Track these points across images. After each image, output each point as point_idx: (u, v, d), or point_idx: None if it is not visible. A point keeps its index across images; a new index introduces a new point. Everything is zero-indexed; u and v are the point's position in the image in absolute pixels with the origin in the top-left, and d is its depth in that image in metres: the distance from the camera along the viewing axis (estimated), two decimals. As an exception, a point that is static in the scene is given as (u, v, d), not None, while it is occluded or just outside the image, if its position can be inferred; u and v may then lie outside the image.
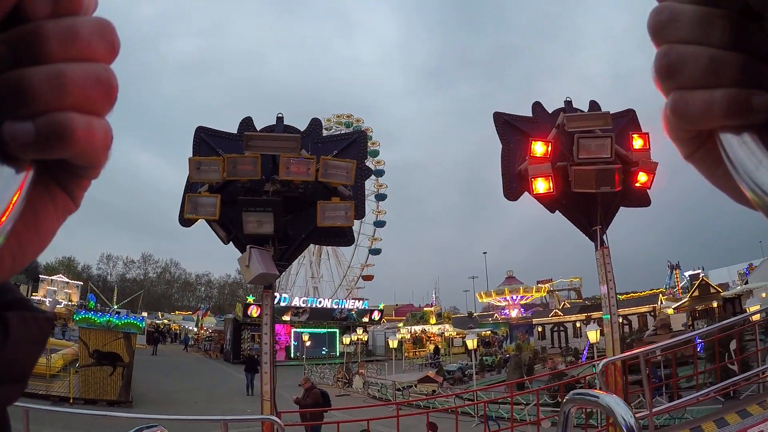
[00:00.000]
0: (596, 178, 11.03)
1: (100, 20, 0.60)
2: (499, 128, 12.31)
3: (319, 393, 19.47)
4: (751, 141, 0.59)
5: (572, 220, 12.07)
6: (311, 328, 66.81)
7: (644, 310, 61.26)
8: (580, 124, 11.58)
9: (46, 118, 0.56)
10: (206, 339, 77.19)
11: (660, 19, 0.62)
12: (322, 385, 41.46)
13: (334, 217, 11.02)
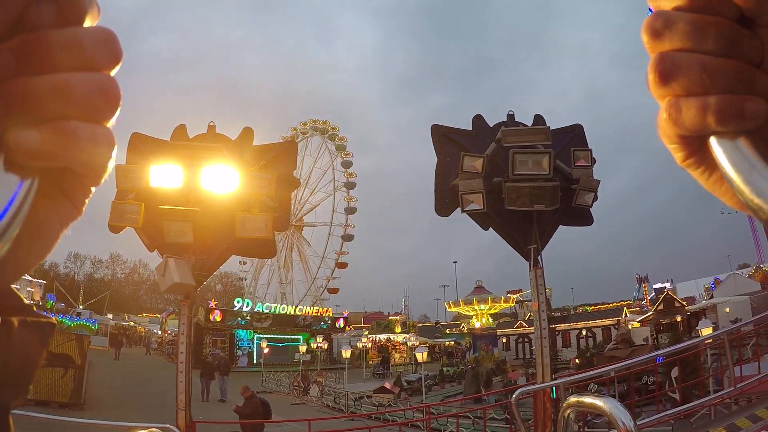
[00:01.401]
0: (530, 195, 10.64)
1: (103, 30, 0.60)
2: (435, 141, 12.05)
3: (258, 402, 19.21)
4: (745, 146, 0.60)
5: (506, 239, 11.75)
6: (275, 334, 66.24)
7: (609, 322, 61.38)
8: (517, 139, 11.24)
9: (50, 126, 0.56)
10: (169, 343, 76.44)
11: (655, 27, 0.62)
12: (277, 393, 41.03)
13: (253, 229, 10.81)
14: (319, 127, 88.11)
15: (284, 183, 11.85)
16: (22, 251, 0.62)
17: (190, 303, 11.39)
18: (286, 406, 35.41)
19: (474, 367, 39.85)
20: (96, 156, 0.60)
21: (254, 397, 19.59)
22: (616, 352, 37.56)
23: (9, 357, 0.75)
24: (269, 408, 19.81)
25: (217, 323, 61.76)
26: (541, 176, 10.74)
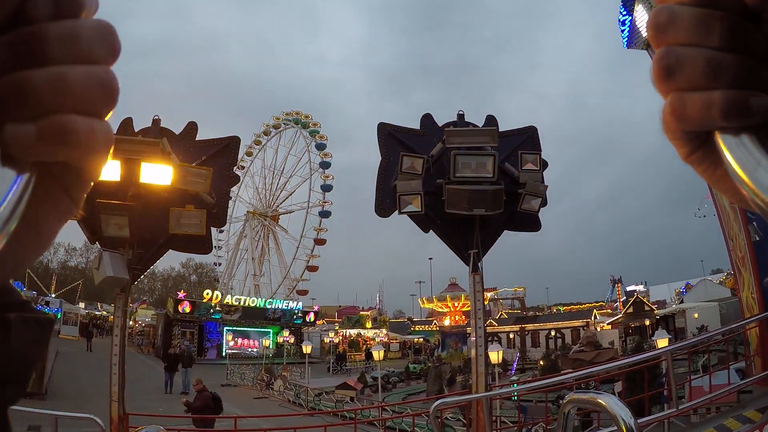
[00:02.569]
0: (469, 199, 10.44)
1: (100, 22, 0.60)
2: (381, 140, 11.83)
3: (209, 396, 19.28)
4: (749, 142, 0.59)
5: (446, 242, 11.54)
6: (244, 327, 66.07)
7: (578, 324, 61.58)
8: (462, 140, 11.00)
9: (47, 120, 0.56)
10: (139, 333, 75.95)
11: (659, 21, 0.62)
12: (241, 387, 40.80)
13: (187, 225, 10.83)
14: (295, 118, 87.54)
15: (223, 179, 11.84)
16: (19, 246, 0.62)
17: (125, 297, 11.35)
18: (248, 399, 35.38)
19: (437, 366, 39.62)
20: (94, 150, 0.59)
21: (205, 390, 19.64)
22: (581, 355, 37.70)
23: (7, 354, 0.75)
24: (220, 402, 19.80)
25: (186, 315, 61.16)
26: (485, 179, 10.59)
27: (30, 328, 0.79)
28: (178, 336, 60.95)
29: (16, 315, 0.77)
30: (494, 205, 10.56)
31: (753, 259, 15.24)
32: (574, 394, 3.80)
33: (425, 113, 12.08)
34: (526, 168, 11.09)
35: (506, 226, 11.59)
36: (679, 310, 54.15)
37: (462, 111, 11.91)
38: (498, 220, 11.29)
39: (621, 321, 58.09)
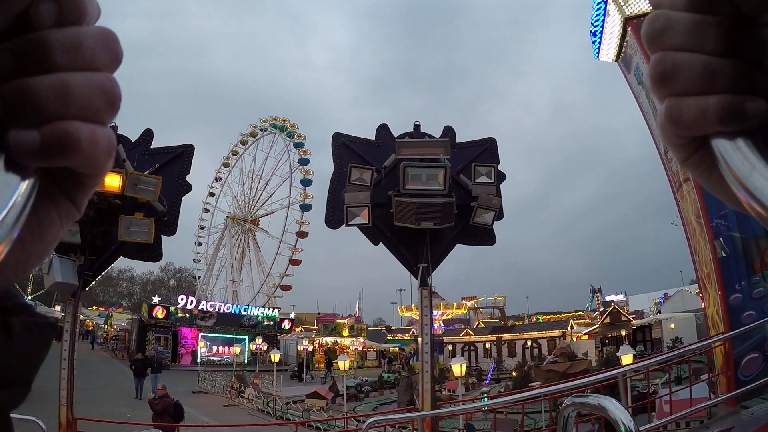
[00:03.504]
0: (416, 211, 10.26)
1: (103, 30, 0.60)
2: (334, 150, 11.70)
3: (170, 402, 19.76)
4: (745, 146, 0.59)
5: (396, 255, 11.37)
6: (219, 334, 65.67)
7: (554, 334, 61.59)
8: (414, 152, 10.82)
9: (50, 126, 0.56)
10: (114, 338, 75.46)
11: (655, 27, 0.62)
12: (212, 394, 40.56)
13: (136, 232, 10.80)
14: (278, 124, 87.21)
15: (176, 187, 11.82)
16: (22, 251, 0.63)
17: (75, 302, 11.40)
18: (218, 407, 35.20)
19: (408, 376, 39.38)
20: (96, 156, 0.59)
21: (167, 396, 20.07)
22: (554, 366, 37.56)
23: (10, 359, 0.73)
24: (181, 410, 20.26)
25: (160, 320, 60.79)
26: (436, 192, 10.42)
27: (32, 332, 0.77)
28: (153, 341, 60.59)
29: (18, 319, 0.75)
30: (443, 219, 10.38)
31: (718, 275, 14.98)
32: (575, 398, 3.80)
33: (381, 123, 11.94)
34: (480, 181, 10.90)
35: (459, 239, 11.40)
36: (656, 320, 54.19)
37: (418, 122, 11.72)
38: (450, 233, 11.12)
39: (598, 331, 58.18)
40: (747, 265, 14.65)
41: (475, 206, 10.73)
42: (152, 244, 11.19)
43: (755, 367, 13.49)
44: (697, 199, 15.45)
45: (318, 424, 28.76)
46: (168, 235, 11.60)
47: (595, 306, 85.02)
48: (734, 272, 14.81)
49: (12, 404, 0.77)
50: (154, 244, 11.26)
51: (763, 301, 14.17)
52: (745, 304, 14.37)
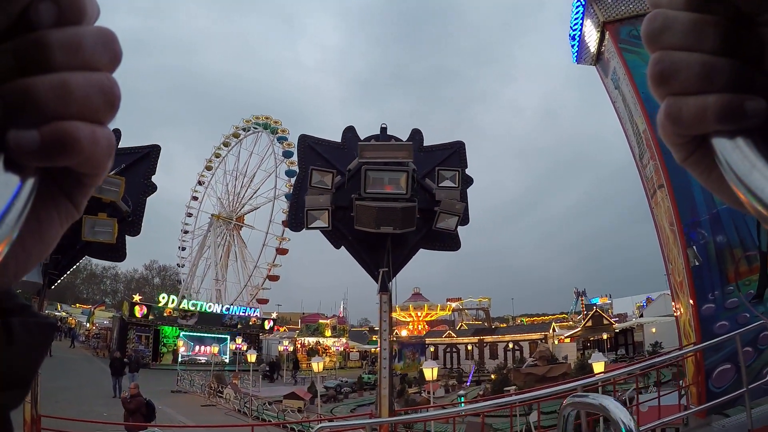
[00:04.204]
0: (376, 216, 10.12)
1: (102, 30, 0.60)
2: (300, 152, 11.68)
3: (142, 401, 19.75)
4: (744, 145, 0.59)
5: (357, 259, 11.25)
6: (200, 333, 65.37)
7: (536, 336, 61.53)
8: (376, 155, 10.61)
9: (50, 126, 0.56)
10: (95, 336, 74.94)
11: (654, 26, 0.63)
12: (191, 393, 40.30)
13: (99, 232, 10.79)
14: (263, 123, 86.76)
15: (141, 188, 11.82)
16: (22, 251, 0.63)
17: (39, 300, 11.63)
18: (196, 407, 34.95)
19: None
20: (96, 156, 0.59)
21: (140, 396, 20.09)
22: (533, 369, 37.61)
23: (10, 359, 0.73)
24: (153, 410, 20.27)
25: (142, 318, 60.37)
26: (399, 196, 10.26)
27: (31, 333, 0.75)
28: (134, 340, 60.25)
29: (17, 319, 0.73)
30: (404, 224, 10.23)
31: (691, 285, 14.74)
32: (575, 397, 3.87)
33: (348, 126, 11.80)
34: (443, 185, 10.73)
35: (422, 244, 11.24)
36: (638, 324, 54.21)
37: (385, 124, 11.62)
38: (413, 237, 10.97)
39: (579, 334, 58.21)
40: (721, 275, 14.45)
41: (438, 211, 10.57)
42: (116, 244, 11.16)
43: (727, 378, 13.30)
44: (671, 206, 15.23)
45: (293, 426, 28.57)
46: (132, 236, 11.59)
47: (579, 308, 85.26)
48: (707, 281, 14.60)
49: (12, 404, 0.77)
50: (117, 244, 11.23)
51: (737, 311, 14.01)
52: (718, 314, 14.18)
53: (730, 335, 11.58)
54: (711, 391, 13.44)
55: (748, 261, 14.36)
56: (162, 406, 32.68)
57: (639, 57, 16.38)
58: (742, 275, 14.29)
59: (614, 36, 17.11)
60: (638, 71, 16.26)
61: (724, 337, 11.99)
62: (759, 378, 10.69)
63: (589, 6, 18.08)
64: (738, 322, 13.70)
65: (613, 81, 18.63)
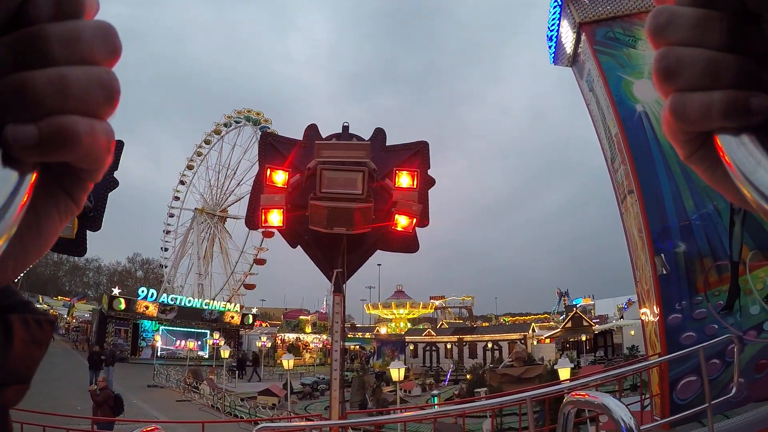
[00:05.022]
0: (328, 216, 9.96)
1: (101, 23, 0.60)
2: (261, 150, 11.70)
3: (110, 394, 20.00)
4: (750, 142, 0.59)
5: (313, 259, 11.13)
6: (180, 327, 65.05)
7: (515, 337, 61.51)
8: (334, 154, 10.43)
9: (49, 121, 0.56)
10: (75, 329, 74.53)
11: (659, 22, 0.62)
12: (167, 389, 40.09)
13: None
14: (253, 117, 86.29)
15: (102, 183, 11.35)
16: (20, 247, 0.63)
17: None
18: (171, 402, 34.78)
19: (360, 376, 38.97)
20: (95, 151, 0.59)
21: (108, 389, 20.44)
22: (509, 370, 37.45)
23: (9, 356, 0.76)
24: (121, 403, 20.52)
25: (121, 312, 59.91)
26: (354, 196, 10.08)
27: (31, 329, 0.78)
28: (113, 334, 59.84)
29: (17, 316, 0.77)
30: (358, 224, 10.09)
31: (657, 294, 14.44)
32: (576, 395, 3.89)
33: (310, 124, 11.65)
34: (401, 186, 10.57)
35: (379, 245, 11.09)
36: (617, 326, 54.20)
37: (347, 123, 11.50)
38: (371, 238, 10.83)
39: (559, 335, 58.22)
40: (689, 284, 14.20)
41: (395, 212, 10.41)
42: (75, 239, 10.84)
43: (693, 390, 13.08)
44: (640, 212, 15.02)
45: (266, 423, 28.43)
46: (93, 231, 11.35)
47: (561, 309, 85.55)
48: (675, 291, 14.33)
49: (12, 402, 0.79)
50: (77, 239, 10.90)
51: (705, 322, 13.79)
52: (685, 325, 13.95)
53: (693, 348, 11.32)
54: (675, 402, 13.25)
55: (719, 271, 14.13)
56: (136, 401, 32.64)
57: (614, 59, 16.23)
58: (712, 285, 14.06)
59: (590, 37, 16.90)
60: (612, 73, 16.09)
61: (689, 350, 11.71)
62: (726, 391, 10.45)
63: (566, 6, 17.86)
64: (705, 333, 13.51)
65: (588, 83, 18.45)
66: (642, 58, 16.01)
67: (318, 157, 10.36)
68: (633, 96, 15.64)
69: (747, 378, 13.15)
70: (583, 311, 70.72)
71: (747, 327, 13.60)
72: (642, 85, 15.57)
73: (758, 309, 13.72)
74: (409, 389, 41.28)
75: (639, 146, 15.22)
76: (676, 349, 13.07)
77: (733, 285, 13.95)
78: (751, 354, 13.44)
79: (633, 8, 16.64)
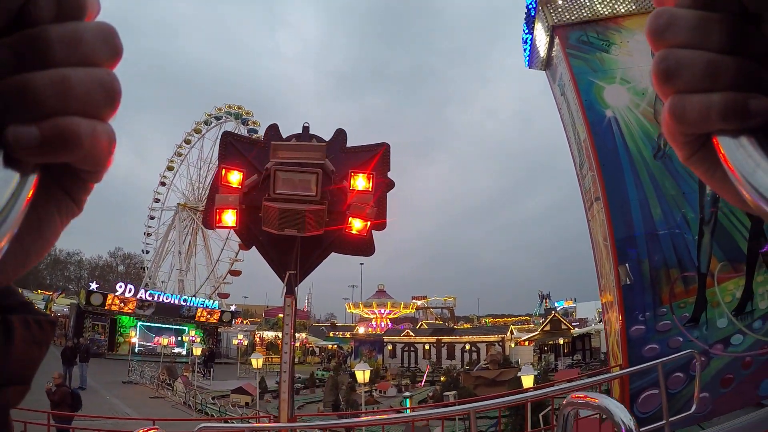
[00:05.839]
0: (279, 217, 9.86)
1: (103, 25, 0.60)
2: (221, 150, 11.38)
3: (67, 392, 19.58)
4: (749, 144, 0.59)
5: (267, 260, 11.01)
6: (158, 323, 64.75)
7: (494, 339, 61.57)
8: (289, 155, 10.33)
9: (50, 122, 0.56)
10: (52, 324, 73.96)
11: (658, 24, 0.62)
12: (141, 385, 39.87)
13: None
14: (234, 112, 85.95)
15: None
16: (21, 248, 0.63)
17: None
18: (144, 398, 34.56)
19: (333, 377, 38.77)
20: (96, 152, 0.59)
21: (64, 386, 20.00)
22: (484, 373, 37.43)
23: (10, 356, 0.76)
24: (79, 400, 20.11)
25: (98, 307, 59.53)
26: (308, 198, 10.00)
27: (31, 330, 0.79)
28: (90, 329, 59.50)
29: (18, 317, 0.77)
30: (309, 227, 10.01)
31: (620, 304, 14.24)
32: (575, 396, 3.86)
33: (271, 124, 11.49)
34: (355, 188, 10.44)
35: (334, 248, 10.94)
36: (595, 330, 54.20)
37: (307, 123, 11.32)
38: (325, 240, 10.71)
39: (538, 338, 58.25)
40: (654, 295, 14.07)
41: (349, 215, 10.32)
42: None
43: (653, 404, 12.87)
44: (605, 220, 14.85)
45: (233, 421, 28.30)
46: None
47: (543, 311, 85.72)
48: (638, 302, 14.15)
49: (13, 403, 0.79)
50: None
51: (669, 335, 13.70)
52: (648, 337, 13.83)
53: (652, 363, 11.07)
54: (636, 416, 12.95)
55: (685, 282, 14.02)
56: (110, 397, 32.43)
57: (586, 63, 16.11)
58: (678, 297, 13.95)
59: (563, 41, 16.78)
60: (583, 78, 15.97)
61: (648, 364, 11.47)
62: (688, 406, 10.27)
63: (540, 9, 17.71)
64: (670, 346, 13.46)
65: (560, 87, 18.36)
66: (615, 62, 15.91)
67: (273, 158, 10.27)
68: (603, 101, 15.51)
69: (712, 392, 13.04)
70: (565, 314, 71.00)
71: (713, 340, 13.53)
72: (613, 91, 15.47)
73: (726, 322, 13.63)
74: (385, 390, 41.18)
75: (607, 153, 15.10)
76: (637, 361, 12.94)
77: (700, 297, 13.86)
78: (717, 368, 13.35)
79: (609, 12, 16.55)
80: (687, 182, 14.26)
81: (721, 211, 14.04)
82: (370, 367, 32.32)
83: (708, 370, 13.18)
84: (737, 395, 13.22)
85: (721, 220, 14.05)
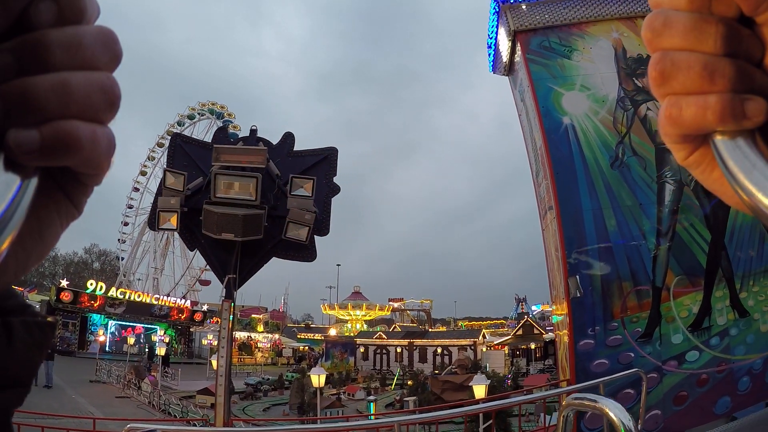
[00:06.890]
0: (217, 221, 9.86)
1: (103, 29, 0.60)
2: (170, 151, 11.45)
3: None
4: (745, 145, 0.60)
5: (209, 263, 11.18)
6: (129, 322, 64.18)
7: (466, 342, 61.57)
8: (231, 158, 10.38)
9: (50, 126, 0.56)
10: (20, 323, 73.55)
11: (654, 26, 0.62)
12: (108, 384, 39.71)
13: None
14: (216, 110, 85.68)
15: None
16: (22, 251, 0.63)
17: None
18: (110, 398, 34.39)
19: (299, 379, 38.60)
20: (96, 155, 0.59)
21: None
22: (452, 377, 37.41)
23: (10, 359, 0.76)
24: None
25: (68, 304, 59.08)
26: (248, 202, 10.07)
27: (32, 332, 0.79)
28: (60, 326, 59.00)
29: (18, 319, 0.77)
30: (247, 231, 10.00)
31: (570, 317, 14.08)
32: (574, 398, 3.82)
33: (220, 127, 11.67)
34: (296, 194, 10.43)
35: (275, 253, 10.99)
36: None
37: (255, 126, 11.43)
38: (266, 245, 10.72)
39: (509, 342, 58.35)
40: (605, 309, 13.84)
41: (288, 220, 10.28)
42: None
43: (599, 421, 12.38)
44: (557, 230, 14.63)
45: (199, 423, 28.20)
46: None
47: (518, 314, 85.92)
48: (588, 315, 13.92)
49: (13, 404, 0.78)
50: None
51: (620, 350, 13.52)
52: (597, 352, 13.61)
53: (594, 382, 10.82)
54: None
55: (639, 296, 13.84)
56: (75, 396, 32.18)
57: (546, 69, 16.02)
58: (630, 311, 13.77)
59: (524, 46, 16.70)
60: (542, 84, 15.88)
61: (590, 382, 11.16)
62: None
63: (503, 14, 17.60)
64: (620, 361, 13.26)
65: (520, 93, 18.31)
66: (576, 69, 15.81)
67: (215, 161, 10.27)
68: (561, 108, 15.40)
69: (664, 410, 12.90)
70: (542, 317, 71.11)
71: (667, 357, 13.34)
72: (572, 98, 15.36)
73: (681, 338, 13.45)
74: (353, 392, 41.10)
75: (562, 160, 14.92)
76: (585, 376, 12.71)
77: (654, 311, 13.68)
78: (671, 385, 13.16)
79: (572, 18, 16.44)
80: (644, 193, 14.18)
81: (680, 224, 13.93)
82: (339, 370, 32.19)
83: (660, 387, 13.00)
84: (690, 413, 13.08)
85: (680, 232, 13.94)
